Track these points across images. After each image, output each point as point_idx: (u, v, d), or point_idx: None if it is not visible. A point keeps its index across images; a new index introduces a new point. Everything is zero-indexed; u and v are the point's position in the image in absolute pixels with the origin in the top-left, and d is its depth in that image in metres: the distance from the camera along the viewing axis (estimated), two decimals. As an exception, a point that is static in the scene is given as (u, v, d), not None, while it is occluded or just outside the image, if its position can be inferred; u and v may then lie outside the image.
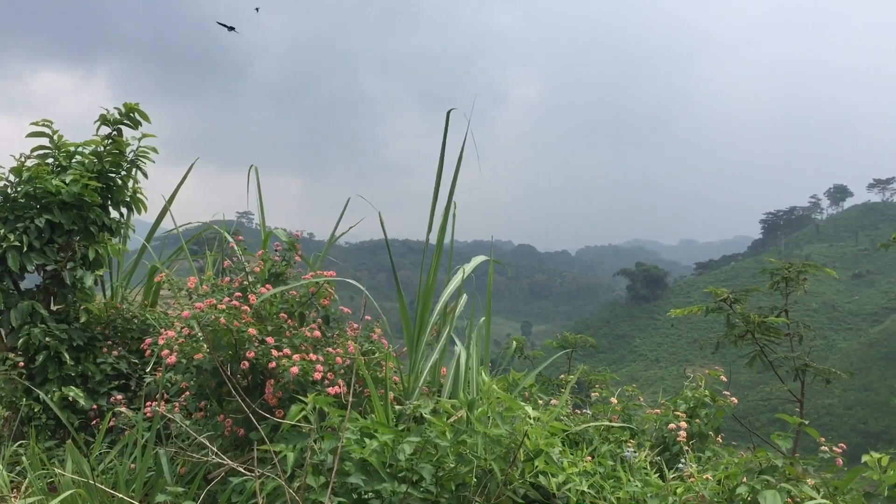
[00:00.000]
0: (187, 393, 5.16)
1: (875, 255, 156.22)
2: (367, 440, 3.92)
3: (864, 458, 3.28)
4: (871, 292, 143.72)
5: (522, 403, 4.14)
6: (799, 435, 5.91)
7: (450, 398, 5.11)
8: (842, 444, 4.59)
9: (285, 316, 5.10)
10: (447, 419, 4.16)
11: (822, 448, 4.38)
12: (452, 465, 3.92)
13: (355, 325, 5.62)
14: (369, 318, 5.57)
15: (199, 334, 4.73)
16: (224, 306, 4.73)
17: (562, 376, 7.98)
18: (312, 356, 4.71)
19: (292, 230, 6.18)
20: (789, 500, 3.50)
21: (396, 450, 3.83)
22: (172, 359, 4.70)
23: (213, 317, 4.59)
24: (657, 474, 4.51)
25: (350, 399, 4.20)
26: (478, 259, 6.13)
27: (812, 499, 3.38)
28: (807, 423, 4.54)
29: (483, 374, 5.54)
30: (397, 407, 4.85)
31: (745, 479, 3.61)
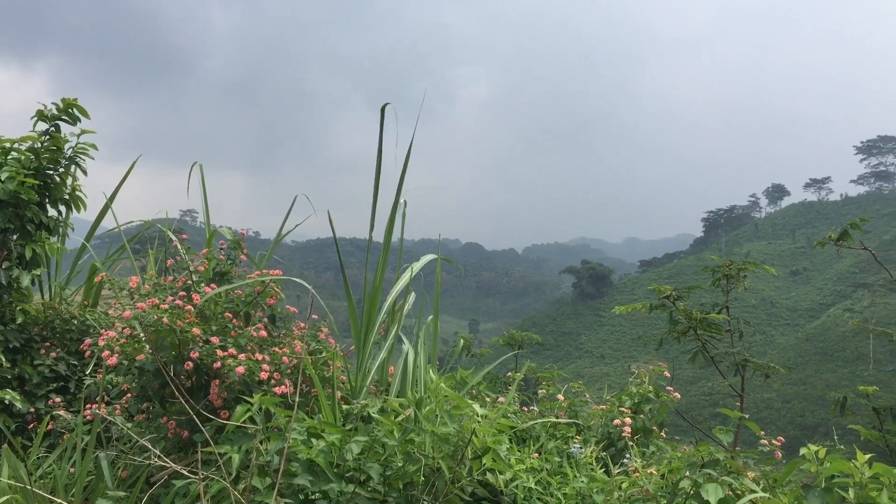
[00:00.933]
0: (129, 395, 5.05)
1: (811, 252, 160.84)
2: (314, 440, 3.89)
3: (802, 450, 3.37)
4: (807, 289, 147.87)
5: (470, 401, 4.16)
6: (739, 429, 6.05)
7: (398, 397, 5.11)
8: (780, 438, 4.71)
9: (230, 315, 5.03)
10: (395, 418, 4.16)
11: (762, 441, 4.49)
12: (400, 465, 3.92)
13: (302, 325, 5.57)
14: (316, 317, 5.52)
15: (141, 335, 4.63)
16: (167, 306, 4.65)
17: (509, 374, 8.04)
18: (258, 356, 4.65)
19: (238, 229, 6.10)
20: (730, 492, 3.58)
21: (344, 450, 3.80)
22: (113, 360, 4.60)
23: (155, 317, 4.50)
24: (603, 470, 4.58)
25: (297, 399, 4.16)
26: (427, 258, 6.13)
27: (753, 492, 3.46)
28: (747, 417, 4.65)
29: (431, 372, 5.55)
30: (345, 406, 4.82)
31: (688, 473, 3.68)
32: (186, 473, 3.85)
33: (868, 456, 3.16)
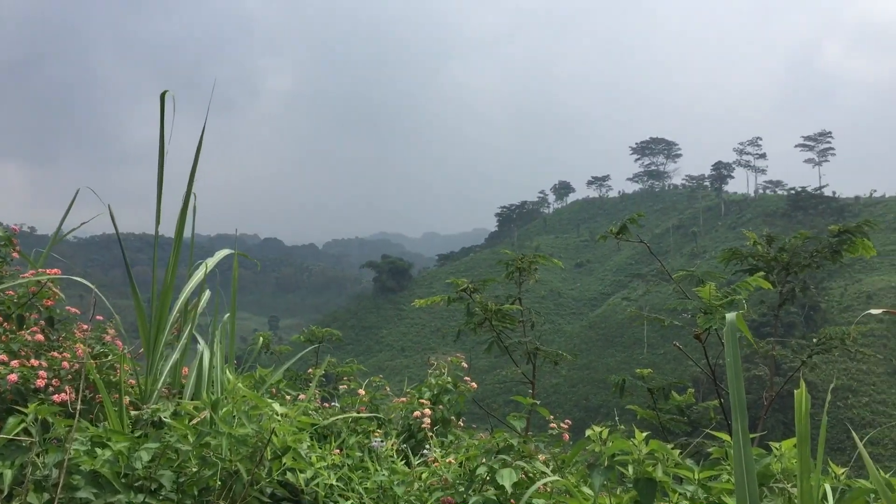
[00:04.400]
0: None
1: (594, 245, 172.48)
2: (98, 450, 3.64)
3: (587, 432, 3.59)
4: (590, 280, 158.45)
5: (269, 400, 4.07)
6: (531, 414, 6.36)
7: (193, 399, 4.90)
8: (568, 421, 5.01)
9: (1, 319, 4.60)
10: (189, 421, 3.99)
11: (552, 425, 4.75)
12: (195, 470, 3.76)
13: (85, 327, 5.20)
14: (101, 318, 5.18)
15: None
16: (-77, 310, 4.17)
17: (310, 370, 7.95)
18: (34, 362, 4.30)
19: (10, 224, 5.59)
20: (524, 476, 3.75)
21: (133, 458, 3.59)
22: None
23: None
24: (403, 462, 4.64)
25: (79, 406, 3.88)
26: (221, 253, 5.91)
27: (544, 474, 3.65)
28: (538, 403, 4.90)
29: (228, 372, 5.37)
30: (134, 412, 4.55)
31: (484, 460, 3.82)
32: (-52, 495, 3.47)
33: (645, 434, 3.42)
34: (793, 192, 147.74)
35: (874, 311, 2.69)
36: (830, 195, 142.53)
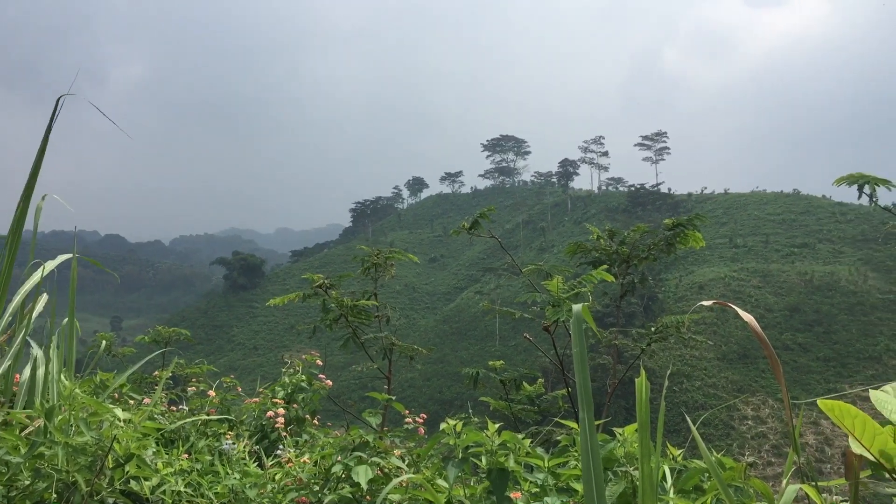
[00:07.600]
0: None
1: (447, 240, 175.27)
2: (-85, 468, 3.34)
3: (442, 425, 3.64)
4: (444, 274, 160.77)
5: (111, 406, 3.86)
6: (387, 409, 6.38)
7: (26, 408, 4.58)
8: (423, 415, 5.05)
9: None
10: (21, 432, 3.72)
11: (407, 420, 4.78)
12: (28, 483, 3.51)
13: None
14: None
15: None
16: None
17: (156, 373, 7.63)
18: None
19: None
20: (380, 472, 3.75)
21: (-44, 474, 3.32)
22: None
23: None
24: (256, 463, 4.54)
25: None
26: (62, 257, 5.57)
27: (399, 469, 3.66)
28: (394, 398, 4.91)
29: (65, 377, 5.06)
30: (-43, 424, 4.20)
31: (339, 458, 3.79)
32: None
33: (497, 425, 3.50)
34: (633, 188, 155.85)
35: (705, 303, 2.87)
36: (666, 192, 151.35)
